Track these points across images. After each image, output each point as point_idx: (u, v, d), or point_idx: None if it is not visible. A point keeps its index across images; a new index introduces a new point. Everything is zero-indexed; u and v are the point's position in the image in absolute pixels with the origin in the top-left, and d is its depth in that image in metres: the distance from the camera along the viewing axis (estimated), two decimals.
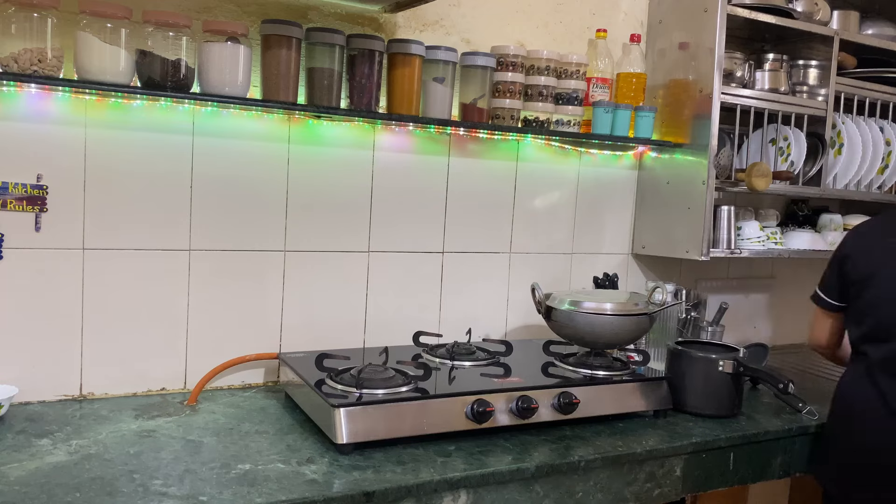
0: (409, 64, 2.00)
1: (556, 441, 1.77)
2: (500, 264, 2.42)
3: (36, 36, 1.61)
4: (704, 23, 2.35)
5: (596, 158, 2.55)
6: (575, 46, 2.44)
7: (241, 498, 1.38)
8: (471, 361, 2.04)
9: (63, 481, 1.41)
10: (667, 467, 1.83)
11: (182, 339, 1.98)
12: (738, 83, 2.54)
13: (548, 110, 2.22)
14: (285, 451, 1.62)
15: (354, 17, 2.11)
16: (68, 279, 1.84)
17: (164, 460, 1.53)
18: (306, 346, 2.10)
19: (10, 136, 1.75)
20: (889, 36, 2.82)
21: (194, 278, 1.98)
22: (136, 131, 1.87)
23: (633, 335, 2.11)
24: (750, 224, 2.60)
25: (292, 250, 2.09)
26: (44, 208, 1.79)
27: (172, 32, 1.70)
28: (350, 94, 1.98)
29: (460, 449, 1.68)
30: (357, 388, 1.71)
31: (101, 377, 1.90)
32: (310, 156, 2.08)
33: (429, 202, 2.28)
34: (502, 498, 1.62)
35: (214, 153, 1.96)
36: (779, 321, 3.10)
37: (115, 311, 1.89)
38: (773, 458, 2.00)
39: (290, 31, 1.84)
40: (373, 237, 2.20)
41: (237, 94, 1.78)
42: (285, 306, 2.10)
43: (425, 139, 2.25)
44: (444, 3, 2.21)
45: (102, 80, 1.64)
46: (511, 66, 2.15)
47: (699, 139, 2.37)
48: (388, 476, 1.51)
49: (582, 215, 2.55)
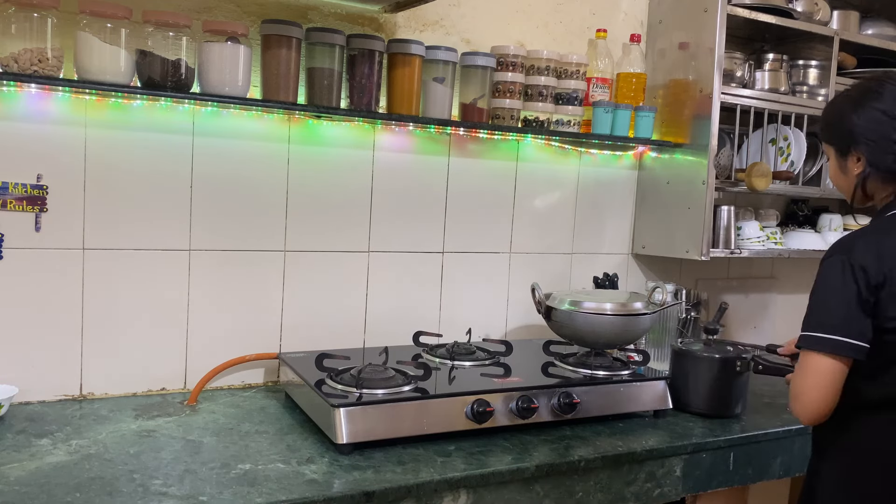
0: (409, 64, 2.00)
1: (556, 441, 1.77)
2: (500, 264, 2.42)
3: (36, 36, 1.61)
4: (704, 23, 2.35)
5: (596, 158, 2.55)
6: (575, 46, 2.44)
7: (241, 498, 1.38)
8: (471, 361, 2.04)
9: (63, 481, 1.41)
10: (667, 467, 1.83)
11: (182, 339, 1.98)
12: (738, 83, 2.54)
13: (548, 110, 2.22)
14: (285, 451, 1.62)
15: (354, 17, 2.11)
16: (68, 279, 1.84)
17: (164, 460, 1.53)
18: (306, 346, 2.10)
19: (10, 136, 1.75)
20: (889, 36, 2.82)
21: (194, 278, 1.98)
22: (136, 131, 1.87)
23: (633, 335, 2.11)
24: (750, 224, 2.60)
25: (292, 250, 2.09)
26: (44, 208, 1.79)
27: (172, 32, 1.70)
28: (350, 94, 1.98)
29: (460, 449, 1.68)
30: (357, 388, 1.70)
31: (101, 377, 1.90)
32: (310, 156, 2.08)
33: (429, 202, 2.28)
34: (502, 498, 1.62)
35: (214, 153, 1.96)
36: (779, 321, 3.10)
37: (115, 311, 1.89)
38: (773, 458, 2.00)
39: (290, 31, 1.84)
40: (373, 237, 2.20)
41: (237, 94, 1.78)
42: (285, 306, 2.10)
43: (425, 139, 2.25)
44: (444, 3, 2.21)
45: (102, 80, 1.64)
46: (511, 66, 2.15)
47: (699, 139, 2.37)
48: (388, 476, 1.51)
49: (582, 215, 2.55)
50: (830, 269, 1.46)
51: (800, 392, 1.46)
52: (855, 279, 1.42)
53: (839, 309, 1.43)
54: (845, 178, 1.60)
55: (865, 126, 1.51)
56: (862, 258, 1.43)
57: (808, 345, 1.45)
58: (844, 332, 1.41)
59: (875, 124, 1.50)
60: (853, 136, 1.53)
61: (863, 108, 1.52)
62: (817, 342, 1.43)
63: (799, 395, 1.47)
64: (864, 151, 1.52)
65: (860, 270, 1.42)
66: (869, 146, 1.51)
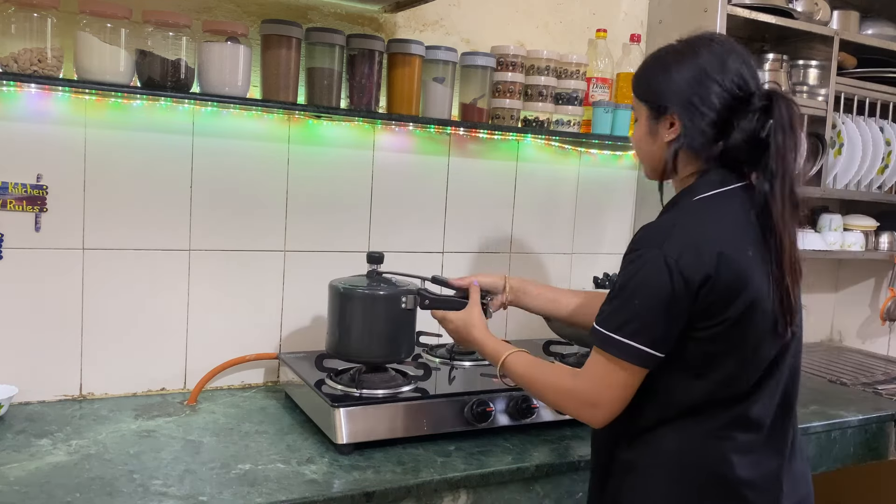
0: (408, 64, 2.00)
1: (556, 441, 1.77)
2: (500, 264, 2.42)
3: (36, 36, 1.61)
4: (704, 23, 2.34)
5: (596, 158, 2.55)
6: (575, 46, 2.44)
7: (240, 498, 1.38)
8: (471, 361, 2.04)
9: (63, 481, 1.41)
10: None
11: (182, 338, 1.98)
12: None
13: (548, 110, 2.22)
14: (285, 451, 1.62)
15: (354, 17, 2.11)
16: (68, 279, 1.84)
17: (164, 460, 1.53)
18: (306, 346, 2.10)
19: (10, 136, 1.75)
20: (889, 36, 2.82)
21: (194, 278, 1.98)
22: (136, 131, 1.87)
23: None
24: None
25: (292, 250, 2.09)
26: (44, 208, 1.79)
27: (172, 32, 1.70)
28: (350, 94, 1.98)
29: (460, 449, 1.68)
30: (357, 388, 1.71)
31: (100, 377, 1.90)
32: (310, 156, 2.08)
33: (429, 202, 2.28)
34: (502, 498, 1.62)
35: (214, 153, 1.96)
36: None
37: (114, 310, 1.89)
38: None
39: (290, 31, 1.84)
40: (373, 237, 2.20)
41: (237, 94, 1.78)
42: (285, 306, 2.10)
43: (425, 139, 2.25)
44: (444, 3, 2.21)
45: (102, 80, 1.64)
46: (511, 66, 2.15)
47: None
48: (388, 476, 1.51)
49: (582, 215, 2.55)
50: (640, 265, 1.24)
51: (596, 396, 1.28)
52: (671, 279, 1.21)
53: (647, 313, 1.22)
54: (651, 145, 1.36)
55: (688, 85, 1.29)
56: (678, 254, 1.21)
57: (605, 346, 1.27)
58: (647, 341, 1.23)
59: (696, 84, 1.28)
60: (669, 95, 1.31)
61: (690, 64, 1.29)
62: (615, 346, 1.25)
63: (596, 399, 1.28)
64: (680, 116, 1.30)
65: (677, 270, 1.20)
66: (687, 110, 1.29)
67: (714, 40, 1.31)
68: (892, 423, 2.17)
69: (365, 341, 1.76)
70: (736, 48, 1.31)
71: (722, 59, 1.28)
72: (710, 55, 1.29)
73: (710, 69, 1.28)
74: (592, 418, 1.31)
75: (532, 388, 1.42)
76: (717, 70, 1.28)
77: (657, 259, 1.22)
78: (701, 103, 1.28)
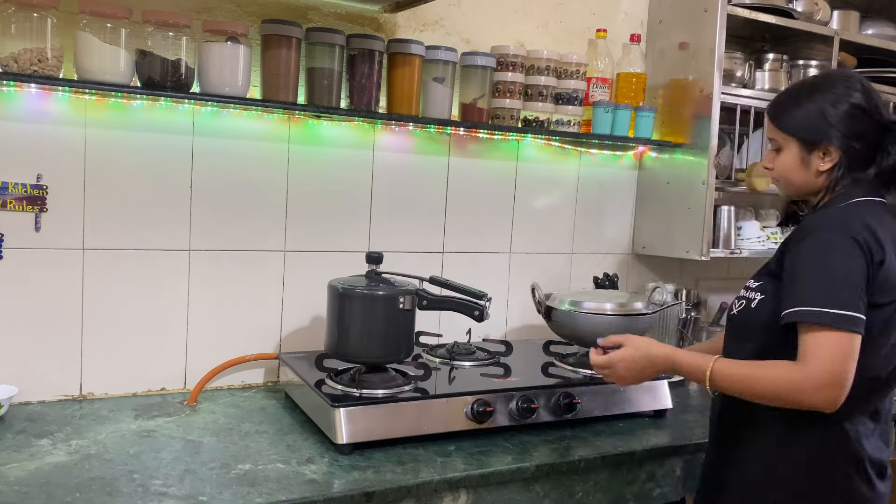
0: (408, 64, 2.00)
1: (556, 441, 1.77)
2: (500, 264, 2.42)
3: (36, 36, 1.61)
4: (704, 23, 2.35)
5: (596, 158, 2.54)
6: (575, 46, 2.44)
7: (240, 498, 1.38)
8: (471, 361, 2.04)
9: (63, 481, 1.41)
10: (667, 467, 1.83)
11: (182, 339, 1.98)
12: (738, 83, 2.54)
13: (548, 110, 2.22)
14: (285, 451, 1.62)
15: (354, 17, 2.11)
16: (68, 279, 1.84)
17: (164, 460, 1.53)
18: (306, 346, 2.10)
19: (10, 136, 1.75)
20: (889, 36, 2.82)
21: (194, 278, 1.98)
22: (135, 131, 1.87)
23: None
24: (750, 224, 2.60)
25: (292, 250, 2.09)
26: (44, 208, 1.79)
27: (172, 32, 1.70)
28: (350, 94, 1.98)
29: (460, 449, 1.68)
30: (357, 388, 1.71)
31: (100, 377, 1.90)
32: (310, 156, 2.08)
33: (429, 202, 2.28)
34: (502, 498, 1.62)
35: (214, 153, 1.96)
36: None
37: (114, 310, 1.89)
38: None
39: (290, 31, 1.84)
40: (373, 237, 2.20)
41: (237, 94, 1.78)
42: (285, 306, 2.10)
43: (425, 139, 2.25)
44: (444, 3, 2.21)
45: (102, 80, 1.64)
46: (511, 66, 2.15)
47: (699, 139, 2.37)
48: (388, 476, 1.51)
49: (582, 215, 2.55)
50: (830, 245, 1.36)
51: (835, 374, 1.29)
52: (861, 251, 1.34)
53: (850, 283, 1.33)
54: (804, 174, 1.49)
55: (841, 120, 1.43)
56: (860, 234, 1.35)
57: (827, 321, 1.30)
58: (858, 308, 1.32)
59: (849, 118, 1.43)
60: (825, 129, 1.44)
61: (839, 101, 1.44)
62: (838, 319, 1.30)
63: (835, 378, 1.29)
64: (837, 146, 1.44)
65: (865, 245, 1.34)
66: (842, 141, 1.43)
67: (851, 76, 1.48)
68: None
69: (364, 341, 1.77)
70: (870, 84, 1.48)
71: (867, 94, 1.45)
72: (855, 91, 1.45)
73: (858, 103, 1.44)
74: (830, 400, 1.31)
75: (753, 389, 1.38)
76: (864, 103, 1.44)
77: (843, 236, 1.36)
78: (856, 134, 1.43)
